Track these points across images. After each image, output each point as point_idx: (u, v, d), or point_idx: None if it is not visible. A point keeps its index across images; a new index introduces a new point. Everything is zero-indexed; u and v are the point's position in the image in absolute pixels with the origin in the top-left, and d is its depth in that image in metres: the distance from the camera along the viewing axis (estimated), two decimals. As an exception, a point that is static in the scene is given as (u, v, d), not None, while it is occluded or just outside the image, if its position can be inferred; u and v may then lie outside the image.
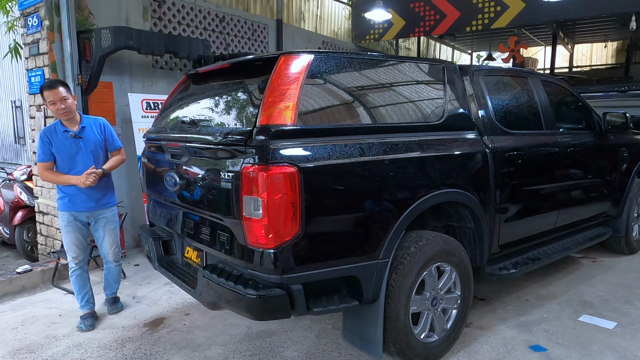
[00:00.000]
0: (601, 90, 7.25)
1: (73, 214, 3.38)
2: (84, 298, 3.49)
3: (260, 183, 2.11)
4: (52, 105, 3.21)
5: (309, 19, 9.20)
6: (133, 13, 5.39)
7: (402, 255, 2.58)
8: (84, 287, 3.49)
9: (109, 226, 3.52)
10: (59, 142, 3.29)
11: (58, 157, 3.31)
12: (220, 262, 2.56)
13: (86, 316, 3.44)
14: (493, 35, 13.30)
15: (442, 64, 3.10)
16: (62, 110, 3.22)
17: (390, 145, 2.53)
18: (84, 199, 3.36)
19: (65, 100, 3.22)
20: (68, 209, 3.37)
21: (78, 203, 3.36)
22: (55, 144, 3.29)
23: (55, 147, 3.29)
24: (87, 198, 3.36)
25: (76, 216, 3.39)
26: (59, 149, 3.30)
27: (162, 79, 5.76)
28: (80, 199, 3.35)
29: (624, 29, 11.57)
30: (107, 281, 3.71)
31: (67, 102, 3.23)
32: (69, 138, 3.30)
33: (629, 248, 4.85)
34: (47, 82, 3.27)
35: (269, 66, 2.37)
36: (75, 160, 3.32)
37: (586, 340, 3.13)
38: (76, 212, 3.38)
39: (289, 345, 3.11)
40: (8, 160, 8.84)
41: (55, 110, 3.22)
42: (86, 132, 3.36)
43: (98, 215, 3.46)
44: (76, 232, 3.40)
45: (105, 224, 3.50)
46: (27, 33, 4.88)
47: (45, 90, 3.21)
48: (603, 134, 4.30)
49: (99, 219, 3.47)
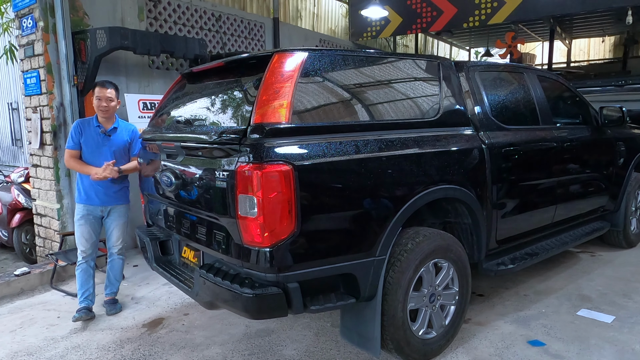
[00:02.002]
0: (598, 84, 7.25)
1: (88, 207, 3.55)
2: (84, 294, 3.55)
3: (255, 182, 2.10)
4: (97, 101, 3.48)
5: (305, 17, 9.18)
6: (128, 13, 5.38)
7: (399, 252, 2.57)
8: (87, 283, 3.56)
9: (120, 220, 3.69)
10: (89, 134, 3.51)
11: (85, 148, 3.51)
12: (217, 262, 2.55)
13: (82, 308, 3.50)
14: (490, 31, 13.30)
15: (438, 60, 3.10)
16: (103, 108, 3.48)
17: (386, 142, 2.53)
18: (99, 193, 3.53)
19: (109, 101, 3.50)
20: (84, 202, 3.55)
21: (92, 197, 3.53)
22: (85, 135, 3.50)
23: (85, 138, 3.50)
24: (102, 192, 3.54)
25: (91, 210, 3.56)
26: (87, 140, 3.51)
27: (158, 79, 5.74)
28: (96, 192, 3.53)
29: (620, 24, 11.59)
30: (109, 278, 3.76)
31: (110, 104, 3.51)
32: (100, 133, 3.53)
33: (627, 242, 4.85)
34: (102, 81, 3.57)
35: (263, 64, 2.36)
36: (99, 155, 3.50)
37: (584, 334, 3.13)
38: (91, 206, 3.55)
39: (287, 343, 3.11)
40: (5, 163, 8.82)
41: (97, 105, 3.48)
42: (116, 133, 3.59)
43: (111, 209, 3.63)
44: (88, 226, 3.55)
45: (117, 218, 3.67)
46: (22, 34, 4.87)
47: (98, 86, 3.52)
48: (600, 129, 4.30)
49: (112, 212, 3.64)
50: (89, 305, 3.55)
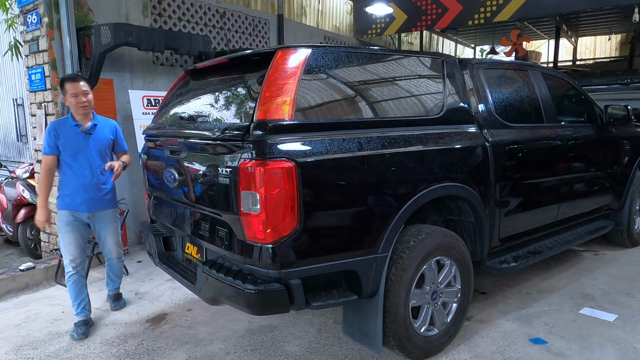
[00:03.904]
0: (604, 83, 7.22)
1: (73, 213, 3.28)
2: (80, 305, 3.33)
3: (257, 178, 2.11)
4: (74, 98, 3.16)
5: (310, 14, 9.16)
6: (133, 9, 5.38)
7: (402, 249, 2.58)
8: (81, 294, 3.34)
9: (110, 226, 3.44)
10: (67, 135, 3.22)
11: (63, 151, 3.22)
12: (219, 258, 2.56)
13: (80, 324, 3.29)
14: (496, 29, 13.23)
15: (442, 57, 3.09)
16: (83, 103, 3.17)
17: (389, 139, 2.52)
18: (85, 199, 3.27)
19: (87, 94, 3.20)
20: (68, 208, 3.27)
21: (79, 202, 3.26)
22: (62, 137, 3.21)
23: (62, 140, 3.21)
24: (88, 197, 3.27)
25: (77, 216, 3.29)
26: (66, 143, 3.22)
27: (162, 76, 5.75)
28: (82, 198, 3.26)
29: (627, 21, 11.52)
30: (109, 277, 3.70)
31: (88, 97, 3.21)
32: (79, 133, 3.23)
33: (631, 241, 4.84)
34: (70, 75, 3.18)
35: (266, 61, 2.36)
36: (81, 156, 3.24)
37: (586, 332, 3.12)
38: (77, 212, 3.28)
39: (290, 340, 3.12)
40: (11, 158, 8.86)
41: (76, 103, 3.17)
42: (97, 130, 3.31)
43: (99, 215, 3.37)
44: (75, 233, 3.29)
45: (107, 223, 3.42)
46: (27, 30, 4.88)
47: (67, 82, 3.16)
48: (604, 127, 4.28)
49: (100, 219, 3.39)
50: (87, 316, 3.35)
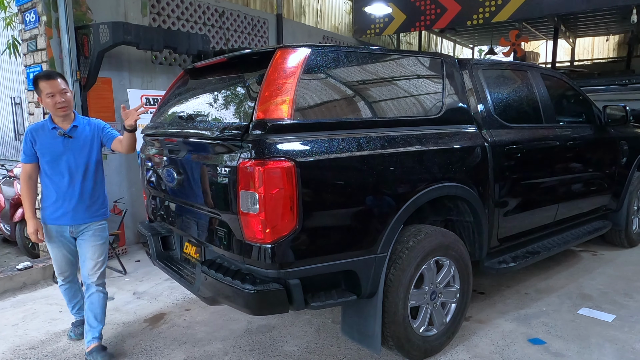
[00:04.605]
0: (602, 83, 7.23)
1: (56, 228, 2.89)
2: (75, 307, 3.20)
3: (256, 178, 2.10)
4: (51, 98, 2.75)
5: (309, 14, 9.15)
6: (131, 8, 5.37)
7: (401, 249, 2.58)
8: (75, 297, 3.17)
9: (95, 241, 2.92)
10: (44, 140, 2.82)
11: (41, 157, 2.84)
12: (218, 258, 2.56)
13: (77, 323, 3.22)
14: (494, 29, 13.24)
15: (441, 57, 3.09)
16: (61, 104, 2.77)
17: (388, 139, 2.52)
18: (66, 211, 2.85)
19: (65, 93, 2.79)
20: (50, 222, 2.89)
21: (59, 215, 2.86)
22: (39, 143, 2.82)
23: (39, 146, 2.82)
24: (70, 209, 2.85)
25: (60, 231, 2.90)
26: (43, 148, 2.82)
27: (161, 75, 5.75)
28: (62, 210, 2.85)
29: (625, 22, 11.52)
30: (88, 321, 2.92)
31: (66, 96, 2.80)
32: (57, 137, 2.82)
33: (629, 241, 4.85)
34: (44, 72, 2.82)
35: (265, 60, 2.36)
36: (60, 162, 2.83)
37: (585, 332, 3.13)
38: (58, 226, 2.89)
39: (288, 339, 3.12)
40: (8, 157, 8.84)
41: (54, 104, 2.76)
42: (78, 132, 2.88)
43: (83, 229, 2.91)
44: (62, 249, 2.95)
45: (91, 238, 2.92)
46: (25, 29, 4.87)
47: (42, 80, 2.75)
48: (603, 128, 4.29)
49: (84, 233, 2.92)
50: (83, 316, 3.03)
